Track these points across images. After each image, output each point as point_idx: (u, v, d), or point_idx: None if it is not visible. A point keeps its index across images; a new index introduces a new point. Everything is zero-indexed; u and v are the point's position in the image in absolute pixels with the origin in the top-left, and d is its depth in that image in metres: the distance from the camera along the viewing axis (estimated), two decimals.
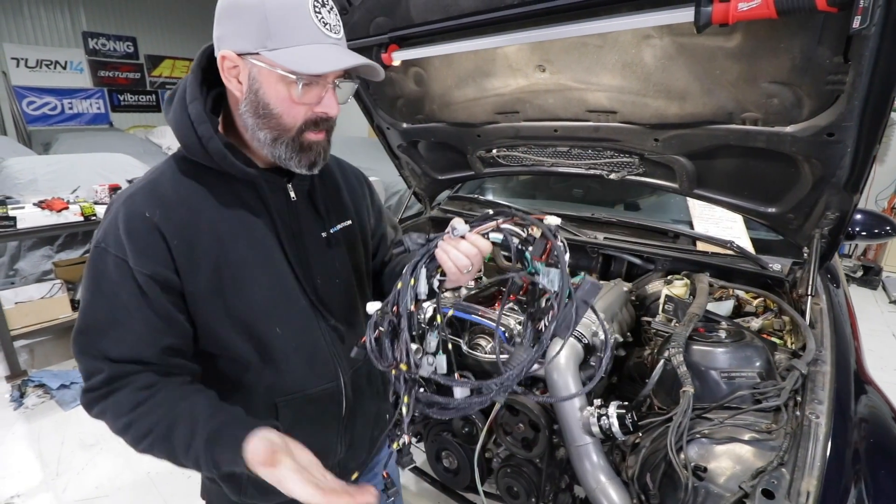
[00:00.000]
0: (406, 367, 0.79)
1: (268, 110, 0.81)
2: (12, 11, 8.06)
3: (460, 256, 0.79)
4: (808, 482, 0.89)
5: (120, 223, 0.80)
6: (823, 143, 1.21)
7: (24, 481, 2.43)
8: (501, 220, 0.83)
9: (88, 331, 0.80)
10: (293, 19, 0.76)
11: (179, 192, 0.85)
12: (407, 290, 0.80)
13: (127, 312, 0.80)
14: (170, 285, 0.82)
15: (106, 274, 0.80)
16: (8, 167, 4.38)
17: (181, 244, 0.82)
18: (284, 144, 0.84)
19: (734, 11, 0.89)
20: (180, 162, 0.88)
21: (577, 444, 1.16)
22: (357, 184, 1.14)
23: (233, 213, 0.88)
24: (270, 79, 0.79)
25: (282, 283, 0.93)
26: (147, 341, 0.81)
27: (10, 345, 3.11)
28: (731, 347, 1.22)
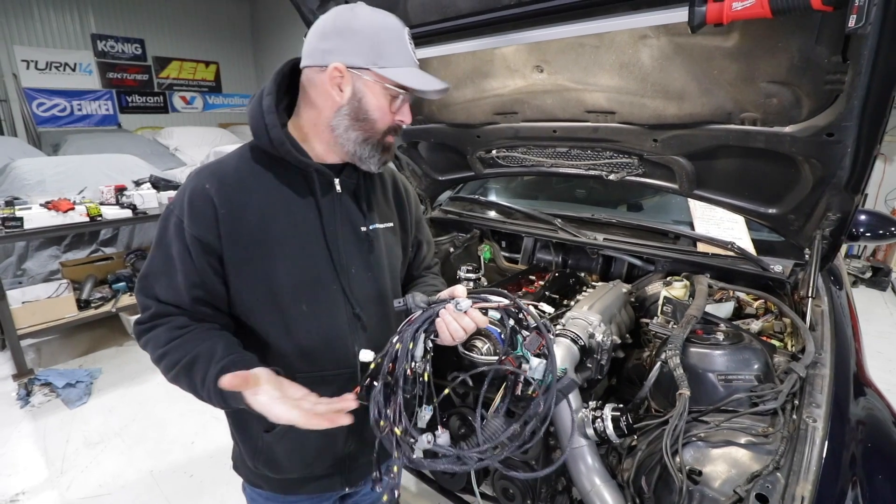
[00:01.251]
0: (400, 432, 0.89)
1: (367, 116, 0.97)
2: (22, 14, 8.17)
3: (458, 329, 0.92)
4: (803, 487, 0.88)
5: (187, 192, 0.96)
6: (823, 144, 1.20)
7: (29, 478, 2.46)
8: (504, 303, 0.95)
9: (148, 275, 0.97)
10: (398, 46, 0.95)
11: (239, 172, 0.99)
12: (406, 353, 0.90)
13: (174, 264, 0.95)
14: (211, 248, 0.94)
15: (168, 231, 0.95)
16: (17, 168, 4.44)
17: (228, 215, 0.94)
18: (371, 145, 1.00)
19: (728, 11, 0.89)
20: (249, 150, 1.03)
21: (573, 446, 1.16)
22: (403, 192, 1.25)
23: (281, 195, 1.00)
24: (376, 90, 0.95)
25: (316, 265, 1.02)
26: (184, 290, 0.95)
27: (17, 343, 3.15)
28: (728, 350, 1.21)
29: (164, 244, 0.96)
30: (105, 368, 3.45)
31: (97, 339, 3.86)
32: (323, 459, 1.12)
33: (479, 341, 1.37)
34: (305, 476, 1.13)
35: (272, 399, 0.83)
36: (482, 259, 2.27)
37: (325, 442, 1.09)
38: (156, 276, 0.97)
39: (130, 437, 2.78)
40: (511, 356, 0.97)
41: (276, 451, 1.07)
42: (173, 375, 0.93)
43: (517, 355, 0.97)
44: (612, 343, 1.37)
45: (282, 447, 1.06)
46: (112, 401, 3.12)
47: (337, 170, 1.05)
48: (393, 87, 0.94)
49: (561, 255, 2.09)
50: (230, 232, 0.95)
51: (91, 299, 3.57)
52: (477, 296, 0.98)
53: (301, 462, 1.10)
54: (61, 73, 8.73)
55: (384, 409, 0.91)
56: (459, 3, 1.37)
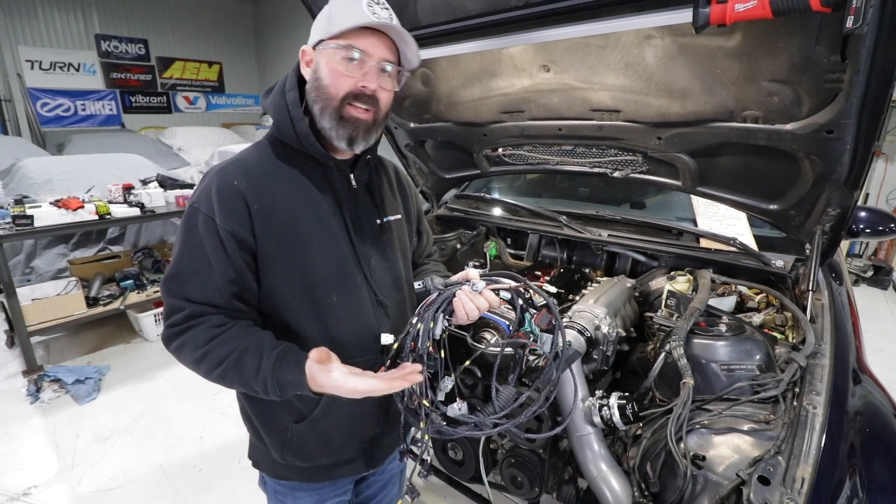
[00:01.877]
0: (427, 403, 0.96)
1: (320, 83, 0.97)
2: (27, 14, 8.22)
3: (473, 309, 0.98)
4: (804, 469, 0.91)
5: (213, 188, 0.95)
6: (823, 141, 1.23)
7: (40, 473, 2.49)
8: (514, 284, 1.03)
9: (176, 276, 0.95)
10: (349, 12, 0.92)
11: (263, 168, 1.01)
12: (427, 332, 0.96)
13: (208, 262, 0.93)
14: (246, 244, 0.95)
15: (196, 229, 0.94)
16: (24, 167, 4.48)
17: (260, 210, 0.96)
18: (329, 114, 0.98)
19: (731, 12, 0.92)
20: (268, 144, 1.05)
21: (579, 433, 1.19)
22: (407, 186, 1.30)
23: (304, 190, 1.02)
24: (325, 56, 0.96)
25: (342, 256, 1.05)
26: (221, 288, 0.94)
27: (26, 340, 3.18)
28: (731, 341, 1.25)
29: (193, 243, 0.95)
30: (113, 365, 3.49)
31: (105, 336, 3.90)
32: (350, 444, 1.16)
33: (487, 333, 1.41)
34: (333, 462, 1.16)
35: (345, 375, 0.85)
36: (488, 255, 2.30)
37: (354, 426, 1.14)
38: (186, 276, 0.95)
39: (140, 432, 2.82)
40: (521, 332, 1.04)
41: (308, 440, 1.10)
42: (220, 373, 0.92)
43: (527, 331, 1.04)
44: (617, 335, 1.40)
45: (314, 436, 1.09)
46: (121, 397, 3.15)
47: (350, 164, 1.09)
48: (334, 43, 0.94)
49: (566, 251, 2.12)
50: (264, 227, 0.96)
51: (100, 297, 3.61)
52: (489, 278, 1.06)
53: (331, 448, 1.13)
54: (65, 73, 8.78)
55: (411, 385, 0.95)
56: (468, 4, 1.41)
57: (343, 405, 1.05)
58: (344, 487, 1.25)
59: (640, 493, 1.09)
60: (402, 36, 0.97)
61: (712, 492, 1.00)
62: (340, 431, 1.11)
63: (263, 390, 0.90)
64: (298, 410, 1.07)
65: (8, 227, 3.03)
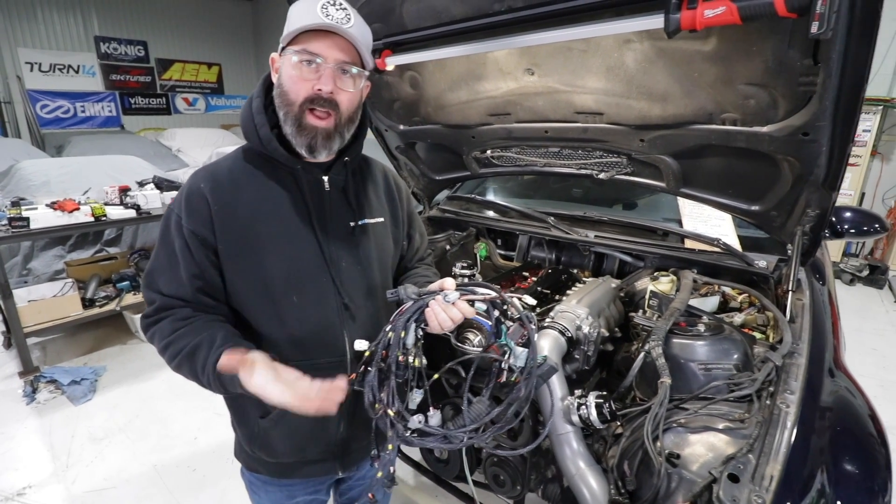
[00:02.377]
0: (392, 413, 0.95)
1: (282, 89, 1.00)
2: (27, 16, 8.26)
3: (446, 319, 0.98)
4: (773, 467, 0.93)
5: (184, 191, 1.03)
6: (799, 143, 1.25)
7: (35, 473, 2.51)
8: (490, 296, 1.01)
9: (151, 272, 1.04)
10: (303, 15, 0.95)
11: (232, 172, 1.06)
12: (398, 341, 0.97)
13: (176, 259, 1.00)
14: (207, 243, 1.00)
15: (170, 229, 1.02)
16: (21, 169, 4.51)
17: (220, 211, 1.00)
18: (290, 121, 1.00)
19: (701, 18, 0.94)
20: (242, 151, 1.10)
21: (559, 432, 1.21)
22: (395, 189, 1.29)
23: (271, 193, 1.05)
24: (285, 62, 0.99)
25: (306, 258, 1.06)
26: (186, 283, 1.00)
27: (22, 342, 3.20)
28: (709, 341, 1.26)
29: (166, 242, 1.02)
30: (109, 366, 3.52)
31: (102, 337, 3.92)
32: (316, 444, 1.17)
33: (471, 334, 1.43)
34: (299, 460, 1.18)
35: (267, 380, 0.88)
36: (478, 257, 2.32)
37: (318, 427, 1.14)
38: (160, 272, 1.03)
39: (134, 432, 2.84)
40: (496, 345, 1.03)
41: (271, 436, 1.13)
42: (177, 363, 0.99)
43: (501, 344, 1.02)
44: (599, 335, 1.42)
45: (276, 432, 1.12)
46: (116, 397, 3.18)
47: (325, 167, 1.09)
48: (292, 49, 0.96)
49: (554, 252, 2.14)
50: (223, 227, 1.01)
51: (96, 298, 3.63)
52: (465, 288, 1.04)
53: (294, 446, 1.15)
54: (65, 75, 8.83)
55: (378, 393, 0.98)
56: (453, 9, 1.43)
57: None
58: (315, 487, 1.27)
59: (617, 491, 1.11)
60: (356, 37, 0.97)
61: (686, 489, 1.02)
62: (304, 430, 1.12)
63: (209, 385, 0.96)
64: (262, 405, 1.08)
65: (4, 230, 3.05)
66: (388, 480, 1.03)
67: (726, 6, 0.91)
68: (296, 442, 1.14)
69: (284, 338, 1.06)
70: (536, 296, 1.70)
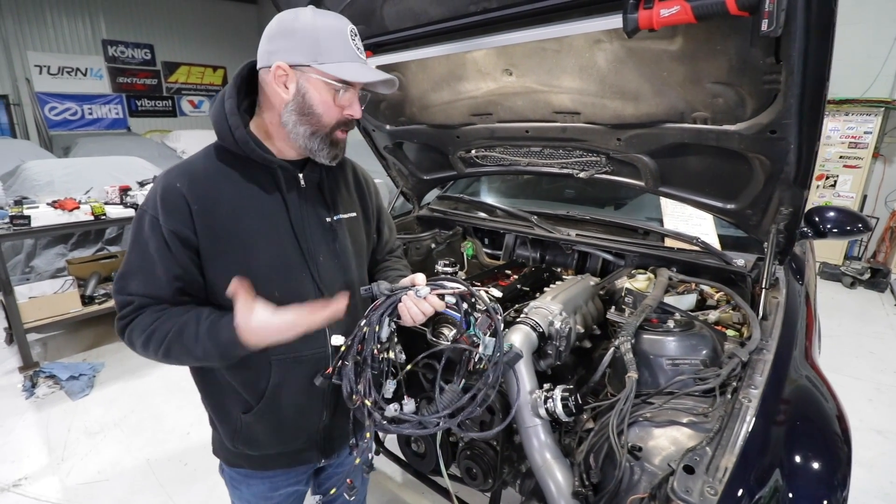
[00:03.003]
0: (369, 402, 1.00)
1: (311, 110, 1.02)
2: (36, 20, 8.41)
3: (418, 313, 1.02)
4: (728, 459, 0.94)
5: (158, 190, 1.01)
6: (768, 141, 1.26)
7: (32, 465, 2.57)
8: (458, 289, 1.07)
9: (125, 275, 1.02)
10: (338, 42, 0.99)
11: (208, 171, 1.06)
12: (373, 335, 1.01)
13: (153, 260, 0.99)
14: (188, 242, 1.00)
15: (143, 230, 1.00)
16: (27, 170, 4.59)
17: (200, 209, 1.00)
18: (319, 138, 1.05)
19: (657, 17, 0.96)
20: (214, 150, 1.09)
21: (527, 425, 1.22)
22: (365, 185, 1.33)
23: (249, 191, 1.06)
24: (313, 84, 1.00)
25: (286, 254, 1.09)
26: (165, 282, 1.00)
27: (23, 337, 3.27)
28: (678, 336, 1.28)
29: (140, 243, 1.00)
30: (108, 363, 3.57)
31: (101, 334, 3.98)
32: (299, 435, 1.20)
33: (445, 329, 1.45)
34: (283, 451, 1.21)
35: (269, 314, 0.92)
36: (465, 255, 2.34)
37: (303, 417, 1.18)
38: (132, 275, 1.01)
39: (129, 427, 2.89)
40: (465, 335, 1.08)
41: (255, 430, 1.15)
42: (165, 347, 0.97)
43: (470, 335, 1.07)
44: (571, 331, 1.43)
45: (260, 426, 1.14)
46: (113, 393, 3.23)
47: (300, 165, 1.13)
48: (332, 80, 0.99)
49: (539, 251, 2.16)
50: (204, 226, 1.00)
51: (95, 295, 3.69)
52: (435, 283, 1.09)
53: (279, 438, 1.18)
54: (73, 77, 8.99)
55: (355, 385, 1.02)
56: (430, 10, 1.46)
57: (289, 396, 1.11)
58: (297, 477, 1.29)
59: (581, 483, 1.12)
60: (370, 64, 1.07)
61: (648, 481, 1.03)
62: (288, 422, 1.15)
63: (204, 355, 0.96)
64: (245, 401, 1.11)
65: (6, 227, 3.12)
66: (367, 466, 1.09)
67: (681, 5, 0.93)
68: (280, 433, 1.17)
69: None
70: (516, 293, 1.72)
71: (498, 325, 1.06)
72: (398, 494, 2.38)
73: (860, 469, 2.60)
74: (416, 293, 1.03)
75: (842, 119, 5.72)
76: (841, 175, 5.83)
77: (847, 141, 5.72)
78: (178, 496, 2.37)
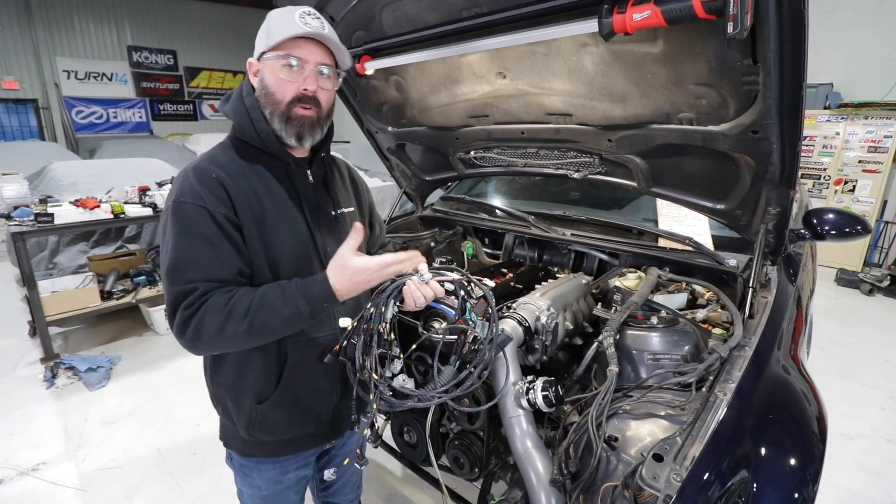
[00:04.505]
0: (376, 377, 1.07)
1: (268, 90, 1.09)
2: (65, 28, 8.75)
3: (420, 297, 1.09)
4: (696, 448, 0.97)
5: (194, 181, 1.05)
6: (751, 141, 1.28)
7: (50, 451, 2.69)
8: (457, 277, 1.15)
9: (178, 265, 1.01)
10: (285, 23, 1.05)
11: (231, 163, 1.12)
12: (379, 315, 1.08)
13: (208, 244, 1.02)
14: (236, 225, 1.06)
15: (187, 218, 1.02)
16: (53, 170, 4.79)
17: (237, 197, 1.07)
18: (277, 116, 1.10)
19: (631, 21, 1.00)
20: (230, 145, 1.16)
21: (510, 415, 1.26)
22: (358, 182, 1.43)
23: (268, 183, 1.13)
24: (268, 66, 1.08)
25: (302, 243, 1.17)
26: (226, 265, 1.03)
27: (45, 330, 3.41)
28: (660, 332, 1.30)
29: (187, 232, 1.01)
30: (125, 356, 3.70)
31: (120, 329, 4.13)
32: (312, 417, 1.26)
33: (436, 322, 1.50)
34: (298, 435, 1.27)
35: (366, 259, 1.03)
36: (465, 255, 2.38)
37: (315, 400, 1.24)
38: (188, 264, 1.00)
39: (142, 417, 3.00)
40: (462, 319, 1.15)
41: (271, 417, 1.20)
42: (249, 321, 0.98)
43: (466, 318, 1.15)
44: (559, 326, 1.47)
45: (277, 412, 1.20)
46: (129, 385, 3.35)
47: (307, 162, 1.21)
48: (275, 54, 1.06)
49: (536, 250, 2.19)
50: (242, 211, 1.07)
51: (114, 291, 3.83)
52: (436, 270, 1.18)
53: (295, 421, 1.24)
54: (99, 82, 9.31)
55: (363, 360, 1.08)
56: (426, 16, 1.52)
57: (303, 378, 1.18)
58: (306, 460, 1.35)
59: (560, 472, 1.16)
60: (333, 41, 1.10)
61: (624, 470, 1.06)
62: (302, 405, 1.22)
63: (295, 313, 1.00)
64: (261, 390, 1.17)
65: (30, 224, 3.28)
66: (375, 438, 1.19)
67: (651, 10, 0.96)
68: (296, 417, 1.23)
69: None
70: (510, 290, 1.76)
71: (492, 308, 1.14)
72: (397, 488, 2.43)
73: (868, 477, 2.56)
74: (420, 278, 1.10)
75: (861, 123, 5.61)
76: (860, 180, 5.71)
77: (866, 145, 5.61)
78: (187, 484, 2.46)
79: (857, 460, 2.66)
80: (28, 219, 3.34)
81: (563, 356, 1.72)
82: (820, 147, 5.90)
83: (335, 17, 1.70)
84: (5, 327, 4.19)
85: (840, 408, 3.12)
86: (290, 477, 1.35)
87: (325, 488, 1.64)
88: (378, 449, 2.01)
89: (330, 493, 1.65)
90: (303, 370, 1.18)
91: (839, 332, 4.28)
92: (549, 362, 1.52)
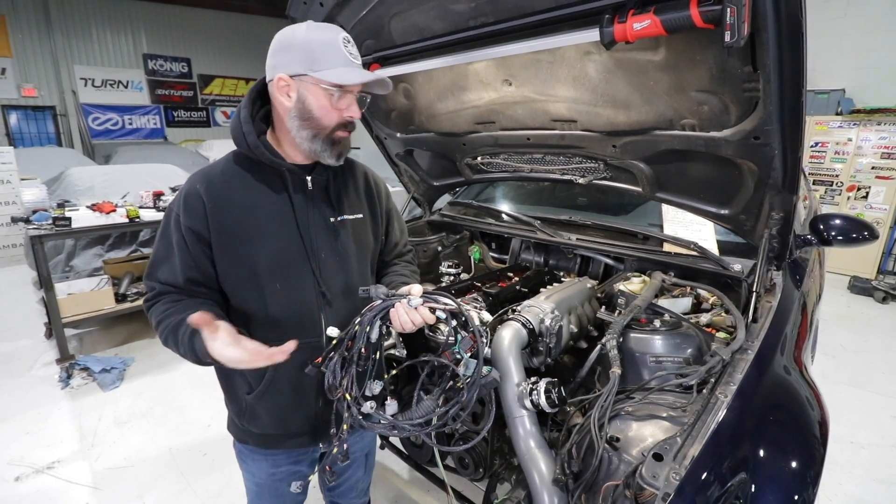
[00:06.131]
0: (349, 397, 1.07)
1: (311, 115, 1.12)
2: (83, 36, 8.97)
3: (408, 321, 1.10)
4: (695, 448, 0.98)
5: (182, 192, 1.16)
6: (753, 147, 1.30)
7: (64, 450, 2.74)
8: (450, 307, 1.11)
9: (153, 263, 1.18)
10: (331, 50, 1.08)
11: (224, 174, 1.18)
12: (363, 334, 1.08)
13: (172, 251, 1.14)
14: (202, 237, 1.13)
15: (169, 226, 1.15)
16: (70, 175, 4.92)
17: (214, 208, 1.13)
18: (321, 140, 1.15)
19: (631, 31, 1.02)
20: (233, 156, 1.22)
21: (514, 416, 1.28)
22: (374, 188, 1.41)
23: (259, 192, 1.18)
24: (315, 91, 1.10)
25: (290, 249, 1.19)
26: (180, 272, 1.14)
27: (60, 331, 3.49)
28: (663, 335, 1.32)
29: (165, 236, 1.16)
30: (138, 357, 3.77)
31: (133, 331, 4.20)
32: (296, 418, 1.29)
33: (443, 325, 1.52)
34: (282, 433, 1.31)
35: (224, 344, 1.00)
36: (472, 259, 2.41)
37: (299, 402, 1.27)
38: (158, 263, 1.16)
39: (154, 418, 3.05)
40: (448, 351, 1.11)
41: (257, 410, 1.26)
42: (164, 337, 1.11)
43: (454, 351, 1.09)
44: (563, 329, 1.49)
45: (262, 406, 1.25)
46: (141, 386, 3.41)
47: (308, 169, 1.23)
48: (326, 85, 1.09)
49: (542, 255, 2.21)
50: (216, 223, 1.13)
51: (128, 293, 3.91)
52: (429, 296, 1.14)
53: (277, 418, 1.28)
54: (115, 89, 9.52)
55: (340, 379, 1.09)
56: (434, 25, 1.56)
57: (287, 381, 1.22)
58: (297, 457, 1.39)
59: (562, 471, 1.18)
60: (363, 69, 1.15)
61: (625, 470, 1.08)
62: (286, 406, 1.25)
63: (185, 353, 1.08)
64: (249, 383, 1.23)
65: (49, 228, 3.36)
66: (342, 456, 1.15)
67: (651, 20, 0.99)
68: (278, 414, 1.27)
69: (268, 319, 1.19)
70: (515, 294, 1.78)
71: (480, 349, 1.06)
72: (404, 491, 2.45)
73: (879, 486, 2.53)
74: (408, 302, 1.10)
75: (874, 129, 5.56)
76: (873, 186, 5.65)
77: (880, 151, 5.55)
78: (197, 484, 2.50)
79: (868, 469, 2.63)
80: (46, 223, 3.43)
81: (567, 360, 1.74)
82: (832, 153, 5.85)
83: (346, 26, 1.75)
84: (23, 329, 4.28)
85: (852, 416, 3.08)
86: (282, 470, 1.39)
87: (331, 489, 1.67)
88: (385, 450, 2.04)
89: (336, 495, 1.67)
90: (286, 373, 1.20)
91: (852, 339, 4.23)
92: (553, 365, 1.54)
